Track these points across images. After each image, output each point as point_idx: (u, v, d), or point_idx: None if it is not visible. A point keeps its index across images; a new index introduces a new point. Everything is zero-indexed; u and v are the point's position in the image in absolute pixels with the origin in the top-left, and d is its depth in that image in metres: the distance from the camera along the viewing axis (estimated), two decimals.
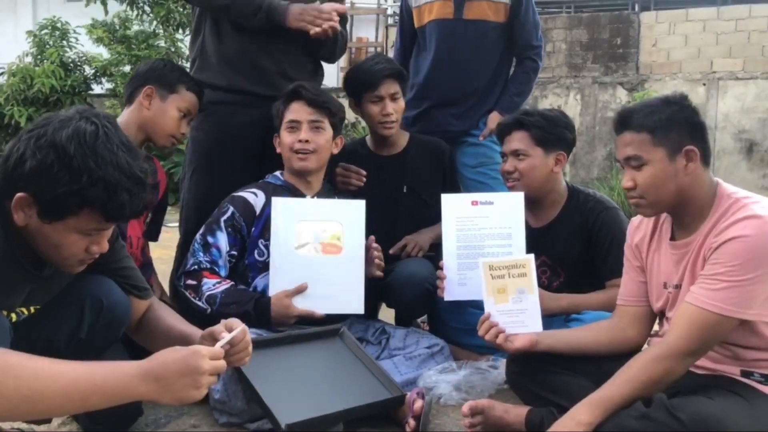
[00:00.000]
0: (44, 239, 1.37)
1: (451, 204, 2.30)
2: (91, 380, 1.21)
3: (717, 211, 1.66)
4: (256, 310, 2.11)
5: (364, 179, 2.53)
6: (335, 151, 2.41)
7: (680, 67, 8.29)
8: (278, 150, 2.36)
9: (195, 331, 1.56)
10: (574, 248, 2.32)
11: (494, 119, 2.91)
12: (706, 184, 1.69)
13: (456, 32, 2.87)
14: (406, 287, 2.33)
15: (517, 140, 2.32)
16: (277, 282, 2.15)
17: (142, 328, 1.71)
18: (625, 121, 1.72)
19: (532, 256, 1.96)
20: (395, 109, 2.56)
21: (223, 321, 1.49)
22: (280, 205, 2.20)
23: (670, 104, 1.70)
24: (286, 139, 2.31)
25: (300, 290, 2.14)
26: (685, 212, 1.71)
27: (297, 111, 2.31)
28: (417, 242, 2.52)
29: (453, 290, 2.24)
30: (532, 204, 2.37)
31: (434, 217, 2.45)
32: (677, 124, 1.67)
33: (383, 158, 2.67)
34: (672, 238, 1.77)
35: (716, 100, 7.95)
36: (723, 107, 7.93)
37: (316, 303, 2.15)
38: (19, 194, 1.31)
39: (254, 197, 2.29)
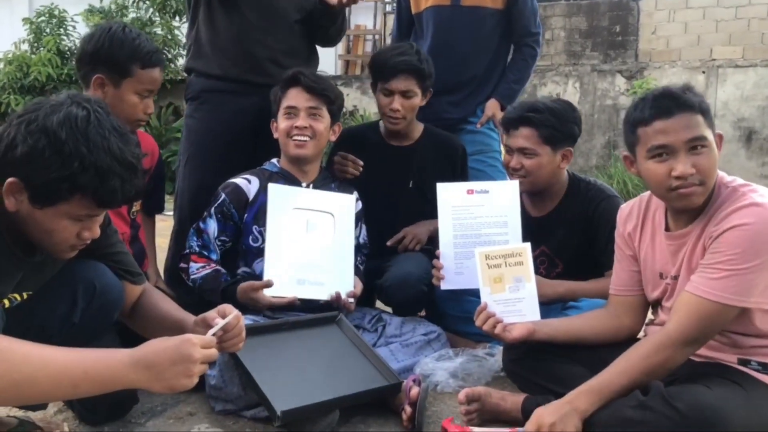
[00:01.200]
0: (36, 225, 1.36)
1: (447, 193, 2.28)
2: (82, 367, 1.21)
3: (715, 201, 1.64)
4: (224, 299, 2.10)
5: (361, 169, 2.51)
6: (333, 138, 2.40)
7: (680, 55, 8.26)
8: (275, 135, 2.34)
9: (188, 317, 1.56)
10: (574, 238, 2.30)
11: (492, 106, 2.90)
12: None
13: (453, 19, 2.85)
14: (401, 288, 2.31)
15: (525, 138, 2.24)
16: (271, 268, 2.15)
17: (135, 314, 1.70)
18: (680, 100, 1.60)
19: (528, 244, 1.95)
20: (404, 105, 2.50)
21: (216, 307, 1.49)
22: (275, 192, 2.21)
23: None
24: (282, 124, 2.29)
25: (267, 285, 2.10)
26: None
27: (295, 97, 2.29)
28: (415, 234, 2.51)
29: (450, 279, 2.24)
30: (532, 195, 2.35)
31: (436, 215, 2.42)
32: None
33: (392, 148, 2.62)
34: (666, 228, 1.76)
35: (715, 88, 7.92)
36: (722, 95, 7.91)
37: (308, 289, 2.17)
38: (10, 179, 1.30)
39: (247, 184, 2.29)
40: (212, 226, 2.25)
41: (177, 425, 1.86)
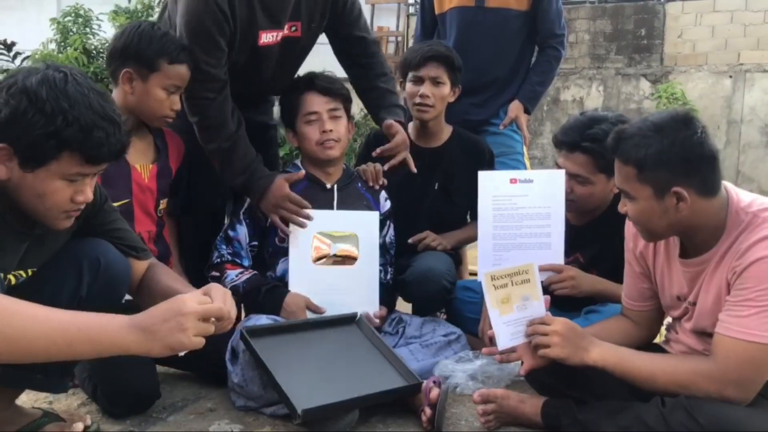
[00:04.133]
0: (28, 190, 1.38)
1: (489, 181, 2.20)
2: (77, 326, 1.22)
3: (734, 229, 1.57)
4: (270, 293, 2.14)
5: (381, 183, 2.47)
6: (349, 136, 2.41)
7: (706, 59, 8.15)
8: (294, 144, 2.35)
9: (190, 289, 1.57)
10: (611, 250, 2.15)
11: (515, 108, 2.89)
12: (712, 213, 1.57)
13: (477, 20, 2.85)
14: (423, 283, 2.31)
15: (579, 165, 2.11)
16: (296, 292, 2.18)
17: (142, 290, 1.71)
18: (615, 146, 1.60)
19: (535, 263, 1.82)
20: (434, 93, 2.49)
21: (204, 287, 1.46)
22: None
23: (665, 134, 1.53)
24: (307, 132, 2.29)
25: (316, 311, 2.16)
26: (694, 237, 1.63)
27: (314, 102, 2.28)
28: (437, 238, 2.49)
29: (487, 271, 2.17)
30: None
31: (460, 218, 2.40)
32: (667, 162, 1.52)
33: (420, 149, 2.60)
34: (682, 254, 1.69)
35: (743, 92, 7.82)
36: (749, 100, 7.79)
37: (333, 312, 2.16)
38: None
39: None
40: (243, 232, 2.26)
41: (197, 420, 1.87)
